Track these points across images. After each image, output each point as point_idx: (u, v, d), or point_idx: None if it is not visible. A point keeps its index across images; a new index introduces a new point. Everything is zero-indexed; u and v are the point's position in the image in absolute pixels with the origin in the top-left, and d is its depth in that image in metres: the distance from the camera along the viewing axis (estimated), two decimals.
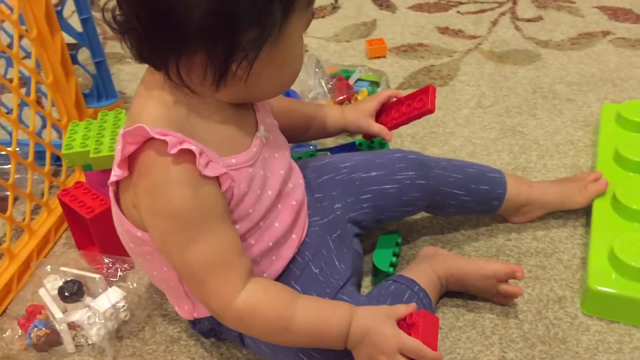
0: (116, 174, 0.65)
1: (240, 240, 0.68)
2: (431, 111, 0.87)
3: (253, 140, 0.71)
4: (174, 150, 0.60)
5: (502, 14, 1.59)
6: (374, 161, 0.87)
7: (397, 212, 0.88)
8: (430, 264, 0.85)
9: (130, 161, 0.64)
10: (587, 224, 0.94)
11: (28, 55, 1.06)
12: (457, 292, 0.86)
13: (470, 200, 0.89)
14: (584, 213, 0.96)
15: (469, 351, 0.80)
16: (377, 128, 0.91)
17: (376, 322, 0.66)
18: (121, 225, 0.71)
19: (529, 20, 1.55)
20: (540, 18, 1.55)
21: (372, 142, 1.03)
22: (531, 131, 1.17)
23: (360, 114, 0.93)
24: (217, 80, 0.62)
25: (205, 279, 0.65)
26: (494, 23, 1.55)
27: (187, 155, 0.61)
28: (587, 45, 1.43)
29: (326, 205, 0.84)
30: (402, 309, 0.67)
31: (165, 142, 0.60)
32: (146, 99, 0.65)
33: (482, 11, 1.61)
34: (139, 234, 0.68)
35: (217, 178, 0.64)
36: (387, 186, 0.85)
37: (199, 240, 0.64)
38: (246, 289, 0.66)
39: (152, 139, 0.61)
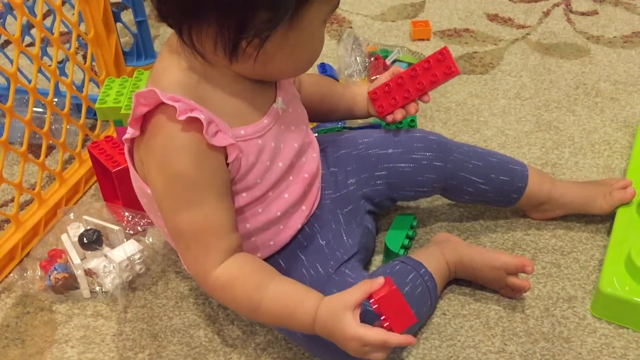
0: (129, 132, 0.67)
1: (234, 217, 0.69)
2: (458, 73, 0.84)
3: (268, 112, 0.71)
4: (182, 117, 0.61)
5: (556, 5, 1.54)
6: (392, 139, 0.86)
7: (410, 192, 0.87)
8: (440, 249, 0.85)
9: (143, 121, 0.65)
10: (611, 227, 0.92)
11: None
12: (466, 280, 0.86)
13: (488, 190, 0.88)
14: (610, 216, 0.94)
15: (469, 339, 0.80)
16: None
17: (335, 321, 0.63)
18: (135, 181, 0.74)
19: (583, 14, 1.50)
20: (595, 12, 1.50)
21: (400, 123, 1.02)
22: (567, 127, 1.14)
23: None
24: (229, 55, 0.63)
25: (189, 245, 0.68)
26: (546, 14, 1.50)
27: (195, 123, 0.62)
28: (639, 44, 1.37)
29: (340, 180, 0.85)
30: (357, 296, 0.63)
31: (175, 108, 0.61)
32: (167, 61, 0.67)
33: (536, 1, 1.56)
34: (148, 190, 0.70)
35: (224, 148, 0.65)
36: (402, 164, 0.85)
37: (191, 207, 0.66)
38: (224, 264, 0.67)
39: (163, 103, 0.62)
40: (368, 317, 0.65)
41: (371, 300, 0.63)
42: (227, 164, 0.67)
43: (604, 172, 1.04)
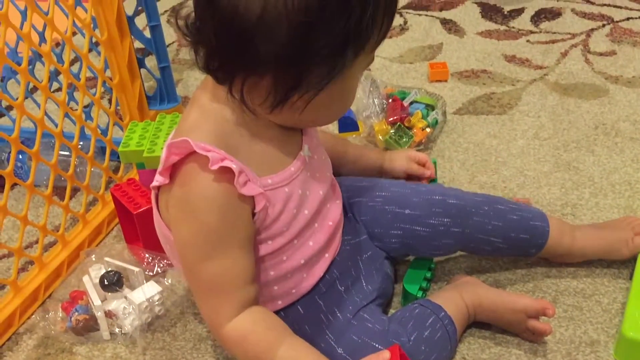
0: (158, 180, 0.68)
1: (253, 270, 0.70)
2: None
3: (295, 159, 0.72)
4: (215, 167, 0.62)
5: (574, 45, 1.55)
6: (410, 198, 0.85)
7: (425, 253, 0.88)
8: (459, 291, 0.84)
9: (173, 170, 0.67)
10: (634, 269, 0.90)
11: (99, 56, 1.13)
12: (486, 324, 0.85)
13: (506, 247, 0.87)
14: (632, 257, 0.92)
15: None
16: (417, 167, 0.96)
17: None
18: (159, 227, 0.75)
19: (601, 54, 1.50)
20: (613, 52, 1.51)
21: None
22: (587, 167, 1.14)
23: (401, 154, 1.00)
24: (275, 105, 0.63)
25: (207, 295, 0.69)
26: (564, 54, 1.51)
27: (227, 173, 0.63)
28: None
29: (358, 226, 0.85)
30: None
31: (207, 158, 0.62)
32: (201, 109, 0.68)
33: (553, 42, 1.58)
34: (172, 237, 0.72)
35: (252, 198, 0.66)
36: (418, 228, 0.84)
37: (212, 258, 0.67)
38: (238, 317, 0.68)
39: (195, 152, 0.63)
40: None
41: None
42: (254, 214, 0.67)
43: (625, 212, 1.03)
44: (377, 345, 0.71)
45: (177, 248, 0.70)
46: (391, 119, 1.18)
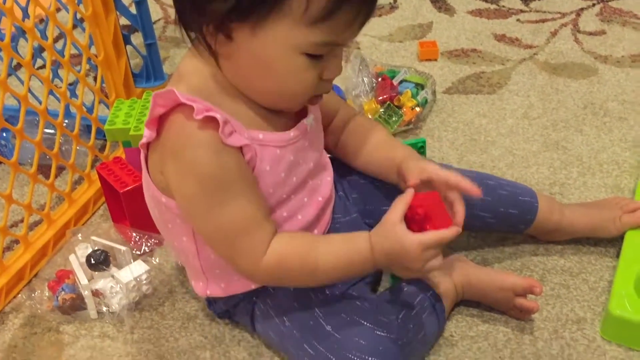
0: (145, 135, 0.67)
1: (267, 205, 0.70)
2: None
3: (296, 126, 0.72)
4: (199, 116, 0.62)
5: (564, 25, 1.54)
6: None
7: None
8: (448, 270, 0.84)
9: (159, 124, 0.66)
10: (621, 248, 0.91)
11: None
12: (474, 302, 0.85)
13: (495, 222, 0.87)
14: (619, 236, 0.93)
15: None
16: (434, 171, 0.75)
17: (391, 241, 0.67)
18: (148, 190, 0.74)
19: (590, 34, 1.50)
20: (602, 32, 1.50)
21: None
22: (575, 147, 1.14)
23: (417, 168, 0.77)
24: (208, 50, 0.64)
25: (234, 240, 0.68)
26: (554, 34, 1.51)
27: (211, 122, 0.63)
28: None
29: (348, 205, 0.85)
30: (399, 211, 0.67)
31: (192, 108, 0.62)
32: (187, 66, 0.68)
33: (543, 21, 1.57)
34: (163, 199, 0.71)
35: (240, 148, 0.66)
36: None
37: (226, 203, 0.66)
38: (270, 247, 0.68)
39: (181, 104, 0.63)
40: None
41: (417, 209, 0.67)
42: None
43: (613, 192, 1.03)
44: (365, 323, 0.71)
45: (184, 206, 0.69)
46: (380, 97, 1.18)
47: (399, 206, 0.68)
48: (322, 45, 0.63)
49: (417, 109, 1.18)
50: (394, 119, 1.16)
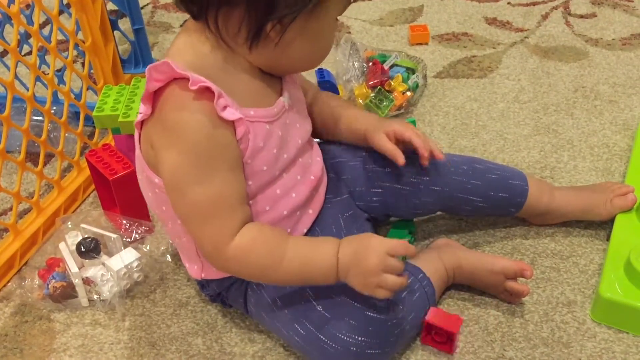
0: (141, 111, 0.67)
1: (245, 191, 0.70)
2: None
3: (275, 103, 0.72)
4: (194, 86, 0.62)
5: (555, 8, 1.54)
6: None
7: (406, 213, 0.88)
8: (439, 254, 0.84)
9: (154, 99, 0.66)
10: (611, 231, 0.91)
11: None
12: (466, 286, 0.86)
13: (486, 206, 0.87)
14: (610, 219, 0.93)
15: (468, 345, 0.79)
16: (390, 147, 0.79)
17: (357, 242, 0.68)
18: (142, 172, 0.74)
19: (581, 17, 1.49)
20: (593, 15, 1.50)
21: None
22: (566, 130, 1.14)
23: (376, 126, 0.82)
24: (251, 38, 0.64)
25: (205, 219, 0.67)
26: (545, 17, 1.50)
27: (207, 93, 0.63)
28: (638, 46, 1.37)
29: (339, 185, 0.85)
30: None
31: (187, 79, 0.62)
32: (182, 44, 0.68)
33: (534, 4, 1.56)
34: (156, 180, 0.71)
35: (233, 124, 0.66)
36: (398, 186, 0.84)
37: (205, 180, 0.66)
38: (242, 231, 0.68)
39: (176, 78, 0.63)
40: None
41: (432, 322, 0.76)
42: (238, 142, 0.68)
43: (603, 175, 1.04)
44: (355, 304, 0.72)
45: (167, 177, 0.68)
46: (371, 82, 1.17)
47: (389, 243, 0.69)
48: (348, 4, 0.69)
49: (408, 93, 1.18)
50: (384, 103, 1.15)
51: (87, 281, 0.86)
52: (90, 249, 0.87)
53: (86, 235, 0.90)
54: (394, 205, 0.86)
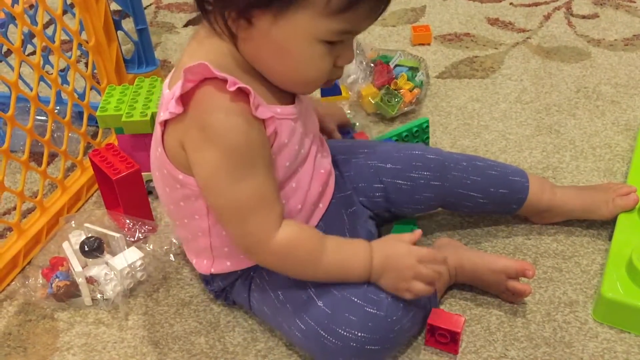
0: (171, 110, 0.66)
1: (278, 185, 0.72)
2: None
3: (296, 99, 0.74)
4: (232, 88, 0.63)
5: (557, 8, 1.54)
6: (392, 153, 0.87)
7: (408, 208, 0.88)
8: (441, 253, 0.84)
9: (184, 98, 0.66)
10: (613, 231, 0.91)
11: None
12: (468, 285, 0.86)
13: (487, 203, 0.88)
14: (612, 219, 0.93)
15: (470, 345, 0.80)
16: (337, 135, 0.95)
17: (391, 245, 0.74)
18: (162, 167, 0.73)
19: (583, 17, 1.50)
20: (596, 15, 1.50)
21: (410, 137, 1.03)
22: (568, 131, 1.14)
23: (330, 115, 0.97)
24: (228, 33, 0.65)
25: (249, 214, 0.69)
26: (547, 17, 1.50)
27: (242, 94, 0.64)
28: None
29: (343, 182, 0.86)
30: (407, 237, 0.74)
31: (223, 81, 0.63)
32: (200, 43, 0.69)
33: (536, 4, 1.56)
34: (180, 176, 0.71)
35: (264, 122, 0.67)
36: (400, 181, 0.85)
37: (247, 177, 0.67)
38: (283, 227, 0.70)
39: (208, 78, 0.64)
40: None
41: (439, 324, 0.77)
42: None
43: (605, 175, 1.04)
44: (356, 300, 0.72)
45: (206, 177, 0.68)
46: (379, 82, 1.17)
47: (407, 237, 0.75)
48: (340, 33, 0.65)
49: (416, 90, 1.18)
50: (395, 100, 1.16)
51: (90, 280, 0.87)
52: (93, 248, 0.87)
53: (89, 235, 0.90)
54: (395, 201, 0.87)
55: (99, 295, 0.87)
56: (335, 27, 0.64)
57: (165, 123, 0.69)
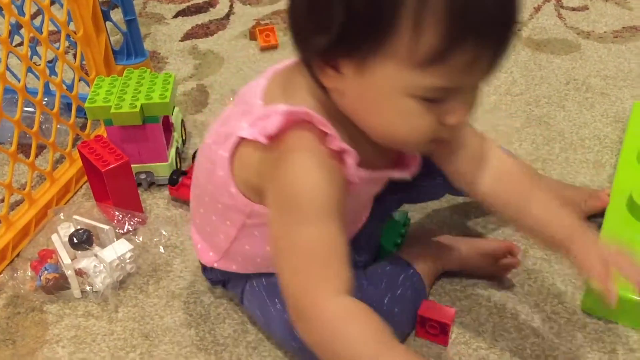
0: (255, 137, 0.61)
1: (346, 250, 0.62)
2: None
3: (396, 170, 0.70)
4: (333, 147, 0.59)
5: (547, 0, 1.54)
6: None
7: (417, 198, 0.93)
8: (429, 246, 0.85)
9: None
10: (602, 224, 0.92)
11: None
12: (456, 277, 0.86)
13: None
14: (601, 213, 0.94)
15: (460, 336, 0.80)
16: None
17: None
18: (212, 174, 0.69)
19: (573, 9, 1.50)
20: (585, 7, 1.50)
21: None
22: (558, 123, 1.15)
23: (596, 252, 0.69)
24: (317, 83, 0.61)
25: (301, 266, 0.60)
26: (537, 9, 1.51)
27: (339, 153, 0.60)
28: (630, 39, 1.38)
29: None
30: None
31: (325, 133, 0.59)
32: (293, 84, 0.64)
33: None
34: (232, 189, 0.67)
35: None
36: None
37: (312, 224, 0.60)
38: (343, 299, 0.58)
39: (307, 121, 0.59)
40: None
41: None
42: None
43: (594, 167, 1.04)
44: None
45: (272, 210, 0.63)
46: None
47: None
48: (436, 90, 0.55)
49: None
50: None
51: (79, 272, 0.86)
52: (82, 241, 0.87)
53: (78, 227, 0.90)
54: (408, 198, 0.91)
55: (88, 288, 0.87)
56: (428, 82, 0.54)
57: (240, 139, 0.64)
